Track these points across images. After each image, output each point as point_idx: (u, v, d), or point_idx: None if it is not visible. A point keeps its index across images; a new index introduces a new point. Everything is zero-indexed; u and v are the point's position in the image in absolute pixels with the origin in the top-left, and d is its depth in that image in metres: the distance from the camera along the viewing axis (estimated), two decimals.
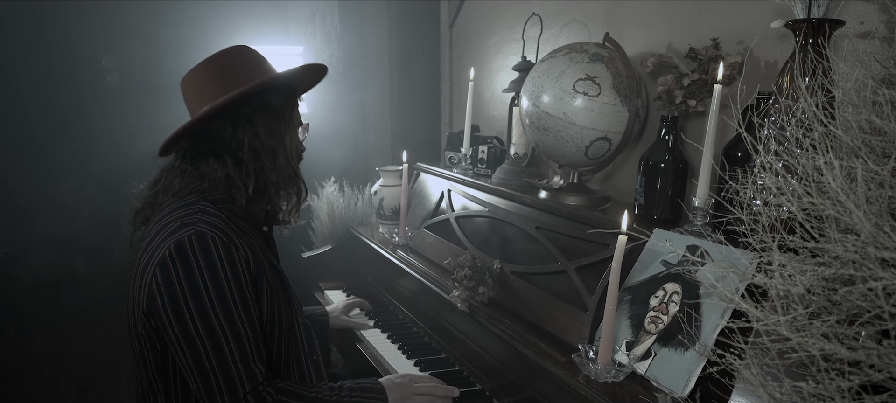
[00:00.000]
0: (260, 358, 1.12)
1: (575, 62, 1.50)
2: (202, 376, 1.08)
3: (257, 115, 1.23)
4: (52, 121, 3.43)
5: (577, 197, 1.60)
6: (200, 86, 1.24)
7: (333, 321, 1.82)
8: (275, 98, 1.26)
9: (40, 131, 3.39)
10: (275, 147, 1.25)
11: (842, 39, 1.18)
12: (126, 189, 1.33)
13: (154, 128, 1.25)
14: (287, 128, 1.28)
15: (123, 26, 3.48)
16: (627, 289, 1.25)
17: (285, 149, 1.27)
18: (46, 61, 3.42)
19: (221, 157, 1.22)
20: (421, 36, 2.95)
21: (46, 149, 3.39)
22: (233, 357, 1.08)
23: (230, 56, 1.25)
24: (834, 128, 0.85)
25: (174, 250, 1.07)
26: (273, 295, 1.22)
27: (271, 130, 1.24)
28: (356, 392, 1.26)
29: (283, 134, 1.27)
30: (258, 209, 1.30)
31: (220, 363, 1.07)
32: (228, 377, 1.08)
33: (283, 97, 1.28)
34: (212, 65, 1.24)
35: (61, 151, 3.38)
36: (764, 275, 0.85)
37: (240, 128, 1.22)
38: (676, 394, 1.04)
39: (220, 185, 1.22)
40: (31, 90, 3.38)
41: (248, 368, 1.10)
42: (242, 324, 1.10)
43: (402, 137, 3.02)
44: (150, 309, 1.09)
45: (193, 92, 1.25)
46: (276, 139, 1.25)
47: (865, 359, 0.70)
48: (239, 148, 1.21)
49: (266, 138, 1.24)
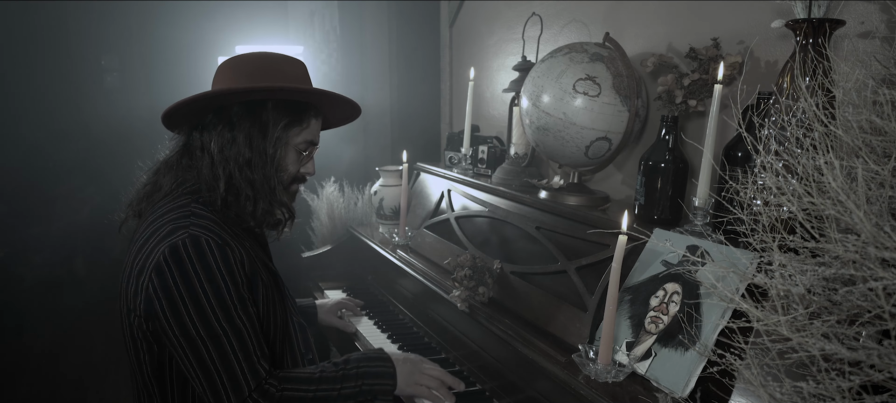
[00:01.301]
0: (263, 356, 1.12)
1: (575, 62, 1.50)
2: (206, 377, 1.08)
3: (243, 121, 1.19)
4: (52, 121, 3.43)
5: (577, 197, 1.60)
6: (223, 75, 1.23)
7: (322, 315, 1.81)
8: (269, 111, 1.21)
9: (40, 131, 3.39)
10: (251, 159, 1.20)
11: (842, 39, 1.18)
12: (126, 189, 1.33)
13: (154, 128, 1.24)
14: (275, 146, 1.21)
15: (123, 26, 3.48)
16: (627, 289, 1.25)
17: (265, 165, 1.21)
18: (46, 61, 3.42)
19: (204, 151, 1.21)
20: (421, 36, 2.95)
21: (46, 149, 3.39)
22: (236, 357, 1.08)
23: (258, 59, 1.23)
24: (834, 128, 0.85)
25: (169, 254, 1.07)
26: (268, 295, 1.21)
27: (252, 141, 1.20)
28: (363, 363, 1.25)
29: (267, 149, 1.20)
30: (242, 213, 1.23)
31: (224, 363, 1.08)
32: (233, 376, 1.08)
33: (281, 112, 1.22)
34: (241, 60, 1.23)
35: (61, 151, 3.38)
36: (764, 275, 0.85)
37: (220, 126, 1.20)
38: (677, 394, 1.04)
39: (203, 185, 1.20)
40: (32, 90, 3.39)
41: (252, 366, 1.10)
42: (243, 323, 1.10)
43: (402, 137, 3.02)
44: (148, 313, 1.09)
45: (217, 77, 1.25)
46: (255, 151, 1.20)
47: (866, 359, 0.70)
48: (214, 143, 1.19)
49: (243, 146, 1.19)
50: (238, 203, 1.21)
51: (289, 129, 1.24)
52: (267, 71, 1.22)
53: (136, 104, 3.58)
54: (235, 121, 1.19)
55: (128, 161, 1.41)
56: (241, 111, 1.20)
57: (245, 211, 1.22)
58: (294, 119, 1.24)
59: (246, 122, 1.20)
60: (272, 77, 1.21)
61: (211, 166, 1.19)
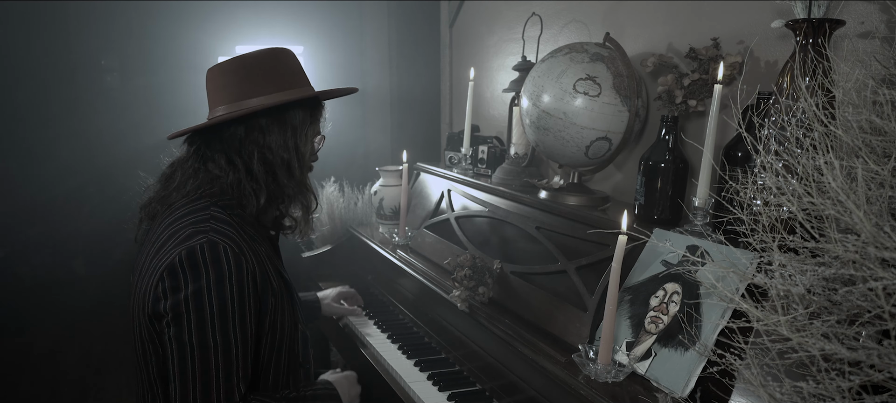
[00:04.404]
0: (243, 377, 1.11)
1: (575, 62, 1.50)
2: (182, 382, 1.07)
3: (273, 126, 1.22)
4: (52, 121, 3.42)
5: (577, 197, 1.60)
6: (225, 80, 1.22)
7: (325, 307, 1.82)
8: (296, 115, 1.24)
9: (40, 131, 3.39)
10: (288, 160, 1.24)
11: (842, 39, 1.18)
12: (126, 189, 1.32)
13: (154, 129, 1.24)
14: (304, 141, 1.26)
15: (123, 26, 3.48)
16: (627, 289, 1.25)
17: (299, 161, 1.25)
18: (46, 61, 3.42)
19: (233, 162, 1.21)
20: (421, 36, 2.95)
21: (46, 149, 3.39)
22: (217, 373, 1.07)
23: (262, 59, 1.23)
24: (834, 128, 0.85)
25: (185, 257, 1.07)
26: (277, 305, 1.21)
27: (286, 143, 1.23)
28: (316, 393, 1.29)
29: (299, 145, 1.25)
30: (268, 216, 1.29)
31: (203, 375, 1.06)
32: (206, 391, 1.07)
33: (305, 112, 1.26)
34: (242, 63, 1.22)
35: (61, 151, 3.38)
36: (764, 275, 0.85)
37: (252, 137, 1.21)
38: (676, 394, 1.04)
39: (230, 191, 1.20)
40: (31, 90, 3.38)
41: (229, 387, 1.08)
42: (235, 340, 1.09)
43: (402, 137, 3.02)
44: (154, 312, 1.09)
45: (217, 85, 1.24)
46: (289, 152, 1.24)
47: (866, 359, 0.70)
48: (250, 157, 1.20)
49: (279, 151, 1.22)
50: (274, 208, 1.27)
51: (313, 126, 1.30)
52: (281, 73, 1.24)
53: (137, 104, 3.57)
54: (266, 130, 1.22)
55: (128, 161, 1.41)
56: (268, 120, 1.22)
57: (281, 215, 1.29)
58: (315, 116, 1.30)
59: (276, 128, 1.22)
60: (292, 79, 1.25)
61: (249, 177, 1.20)
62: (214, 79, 1.24)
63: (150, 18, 3.46)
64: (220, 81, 1.23)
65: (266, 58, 1.24)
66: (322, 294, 1.87)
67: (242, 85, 1.21)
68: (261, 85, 1.21)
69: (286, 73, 1.25)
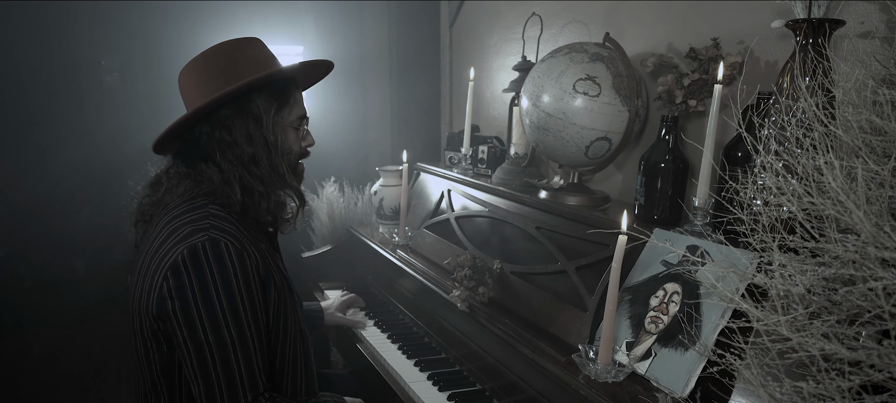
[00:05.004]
0: (263, 369, 1.12)
1: (575, 62, 1.50)
2: (206, 382, 1.07)
3: (235, 119, 1.19)
4: (52, 121, 3.43)
5: (577, 197, 1.60)
6: (189, 83, 1.22)
7: (328, 317, 1.80)
8: (256, 101, 1.20)
9: (40, 131, 3.39)
10: (255, 154, 1.20)
11: (842, 39, 1.18)
12: (126, 189, 1.32)
13: (154, 128, 1.24)
14: (273, 131, 1.22)
15: (123, 26, 3.48)
16: (627, 289, 1.25)
17: (270, 153, 1.22)
18: (47, 61, 3.42)
19: (207, 161, 1.20)
20: (421, 36, 2.95)
21: (46, 149, 3.39)
22: (238, 366, 1.08)
23: (218, 54, 1.21)
24: (834, 128, 0.85)
25: (188, 255, 1.07)
26: (280, 299, 1.21)
27: (250, 136, 1.19)
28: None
29: (267, 137, 1.21)
30: (259, 211, 1.25)
31: (226, 370, 1.07)
32: (232, 385, 1.08)
33: (267, 99, 1.21)
34: (201, 62, 1.21)
35: (61, 151, 3.38)
36: (764, 275, 0.85)
37: (216, 134, 1.19)
38: (676, 394, 1.04)
39: (218, 190, 1.19)
40: (32, 90, 3.38)
41: (252, 378, 1.10)
42: (251, 333, 1.10)
43: (402, 137, 3.02)
44: (159, 313, 1.08)
45: (184, 88, 1.24)
46: (256, 144, 1.20)
47: (866, 359, 0.70)
48: (221, 154, 1.19)
49: (245, 144, 1.19)
50: (253, 203, 1.22)
51: (280, 112, 1.24)
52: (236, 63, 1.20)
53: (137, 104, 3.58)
54: (229, 124, 1.19)
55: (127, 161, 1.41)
56: (229, 113, 1.19)
57: (261, 209, 1.23)
58: (282, 100, 1.24)
59: (238, 121, 1.19)
60: (246, 68, 1.20)
61: (220, 174, 1.19)
62: (182, 82, 1.24)
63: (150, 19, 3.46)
64: (186, 83, 1.23)
65: (220, 53, 1.22)
66: (326, 303, 1.85)
67: (210, 83, 1.19)
68: (218, 81, 1.19)
69: (244, 63, 1.21)
